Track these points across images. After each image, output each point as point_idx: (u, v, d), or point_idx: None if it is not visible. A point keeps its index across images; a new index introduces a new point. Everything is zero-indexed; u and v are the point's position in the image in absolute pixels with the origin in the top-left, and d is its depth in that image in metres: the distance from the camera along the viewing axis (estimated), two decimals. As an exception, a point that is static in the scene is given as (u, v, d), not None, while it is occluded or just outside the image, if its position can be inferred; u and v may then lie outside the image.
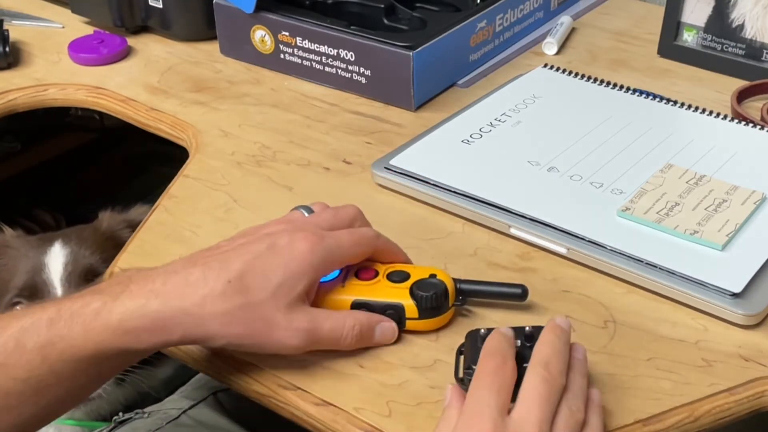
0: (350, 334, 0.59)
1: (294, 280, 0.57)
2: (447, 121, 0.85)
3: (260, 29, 0.95)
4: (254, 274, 0.56)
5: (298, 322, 0.57)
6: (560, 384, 0.52)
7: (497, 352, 0.53)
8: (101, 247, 0.89)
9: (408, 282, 0.62)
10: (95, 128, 1.36)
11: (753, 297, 0.64)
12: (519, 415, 0.50)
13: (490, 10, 0.95)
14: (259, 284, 0.56)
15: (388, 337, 0.61)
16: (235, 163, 0.83)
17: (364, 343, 0.61)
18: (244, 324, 0.56)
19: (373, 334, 0.60)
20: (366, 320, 0.60)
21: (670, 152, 0.79)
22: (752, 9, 0.92)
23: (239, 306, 0.56)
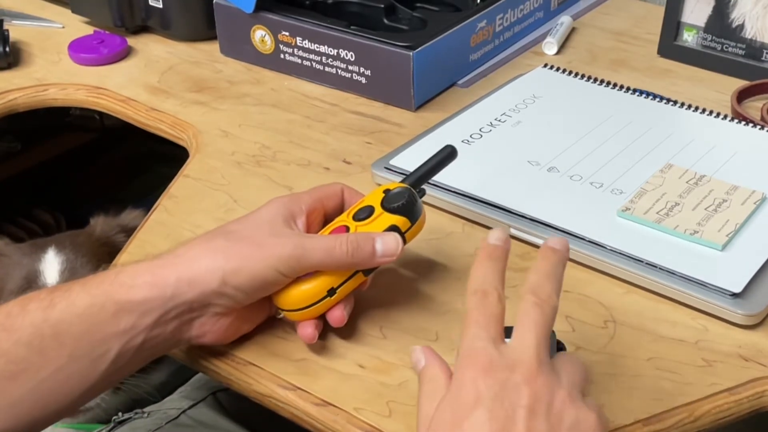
0: (344, 242, 0.59)
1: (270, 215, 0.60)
2: (447, 121, 0.85)
3: (260, 29, 0.95)
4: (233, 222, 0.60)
5: (289, 235, 0.59)
6: (551, 306, 0.51)
7: (478, 287, 0.52)
8: (96, 253, 0.88)
9: (377, 210, 0.62)
10: (95, 128, 1.36)
11: (753, 297, 0.64)
12: (515, 342, 0.50)
13: (490, 10, 0.95)
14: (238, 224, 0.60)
15: (392, 248, 0.60)
16: (235, 163, 0.83)
17: (365, 256, 0.59)
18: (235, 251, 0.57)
19: (372, 245, 0.59)
20: (360, 235, 0.60)
21: (670, 152, 0.79)
22: (752, 9, 0.92)
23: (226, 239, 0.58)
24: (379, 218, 0.62)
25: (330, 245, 0.58)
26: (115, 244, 0.90)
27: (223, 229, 0.60)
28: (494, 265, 0.53)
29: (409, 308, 0.65)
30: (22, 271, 0.88)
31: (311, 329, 0.60)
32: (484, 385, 0.47)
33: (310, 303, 0.60)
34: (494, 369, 0.48)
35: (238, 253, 0.57)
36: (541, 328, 0.50)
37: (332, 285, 0.60)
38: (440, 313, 0.65)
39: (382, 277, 0.67)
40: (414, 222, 0.63)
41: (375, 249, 0.59)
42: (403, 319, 0.65)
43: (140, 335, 0.57)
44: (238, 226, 0.60)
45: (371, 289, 0.64)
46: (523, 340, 0.49)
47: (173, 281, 0.56)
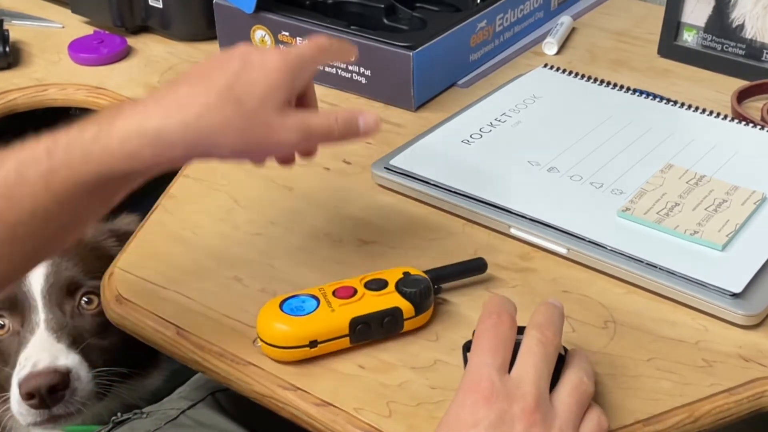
0: (336, 122, 0.61)
1: (277, 88, 0.59)
2: (447, 121, 0.85)
3: (260, 29, 0.95)
4: (240, 84, 0.58)
5: (291, 121, 0.59)
6: (555, 345, 0.54)
7: (493, 310, 0.55)
8: (84, 258, 0.87)
9: (389, 287, 0.62)
10: (95, 128, 1.35)
11: (753, 297, 0.64)
12: (516, 374, 0.52)
13: (490, 10, 0.95)
14: (247, 92, 0.58)
15: (372, 126, 0.63)
16: (235, 163, 0.82)
17: (351, 131, 0.62)
18: (243, 130, 0.58)
19: (356, 122, 0.62)
20: (348, 110, 0.63)
21: (670, 152, 0.79)
22: (752, 9, 0.92)
23: (235, 113, 0.57)
24: (388, 295, 0.62)
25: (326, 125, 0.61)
26: (104, 249, 0.89)
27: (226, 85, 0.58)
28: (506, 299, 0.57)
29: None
30: None
31: None
32: (483, 412, 0.50)
33: (289, 345, 0.60)
34: (495, 398, 0.51)
35: (249, 136, 0.58)
36: (543, 365, 0.53)
37: (316, 338, 0.60)
38: (440, 314, 0.65)
39: (382, 277, 0.67)
40: (418, 314, 0.62)
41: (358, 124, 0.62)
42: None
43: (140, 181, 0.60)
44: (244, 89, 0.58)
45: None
46: (526, 374, 0.52)
47: (180, 153, 0.57)
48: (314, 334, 0.60)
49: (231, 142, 0.57)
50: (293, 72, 0.61)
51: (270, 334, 0.60)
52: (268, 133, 0.59)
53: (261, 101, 0.58)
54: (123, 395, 0.86)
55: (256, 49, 0.62)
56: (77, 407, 0.80)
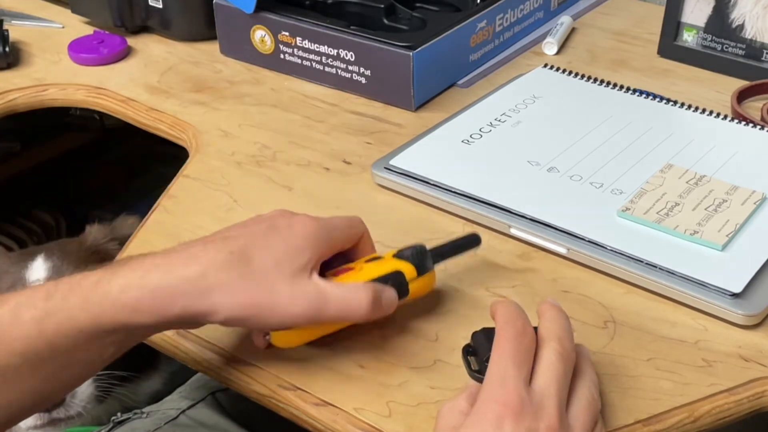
0: (363, 303, 0.57)
1: (297, 252, 0.56)
2: (447, 121, 0.85)
3: (260, 29, 0.95)
4: (256, 247, 0.56)
5: (304, 291, 0.55)
6: (572, 359, 0.54)
7: (516, 318, 0.53)
8: (85, 261, 0.87)
9: (387, 255, 0.62)
10: (95, 128, 1.36)
11: (753, 297, 0.64)
12: (539, 388, 0.51)
13: (490, 10, 0.95)
14: (261, 255, 0.55)
15: (392, 303, 0.60)
16: (235, 163, 0.83)
17: (378, 314, 0.58)
18: (246, 293, 0.54)
19: (381, 303, 0.58)
20: (374, 287, 0.58)
21: (670, 152, 0.79)
22: (752, 9, 0.92)
23: (242, 275, 0.54)
24: (387, 262, 0.61)
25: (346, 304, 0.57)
26: (107, 252, 0.89)
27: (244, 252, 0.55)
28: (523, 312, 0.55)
29: (409, 309, 0.65)
30: (8, 279, 0.87)
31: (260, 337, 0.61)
32: (510, 427, 0.49)
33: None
34: (523, 414, 0.49)
35: (249, 301, 0.54)
36: (564, 380, 0.52)
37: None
38: (440, 314, 0.65)
39: (382, 277, 0.67)
40: (420, 274, 0.62)
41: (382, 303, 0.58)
42: (403, 320, 0.64)
43: (137, 340, 0.57)
44: (260, 254, 0.55)
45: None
46: (548, 389, 0.51)
47: (178, 312, 0.54)
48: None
49: (231, 303, 0.54)
50: (321, 238, 0.58)
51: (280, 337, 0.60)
52: (271, 301, 0.55)
53: (275, 264, 0.55)
54: (123, 398, 0.86)
55: (288, 214, 0.59)
56: (77, 411, 0.80)
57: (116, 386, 0.83)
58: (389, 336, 0.63)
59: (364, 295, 0.57)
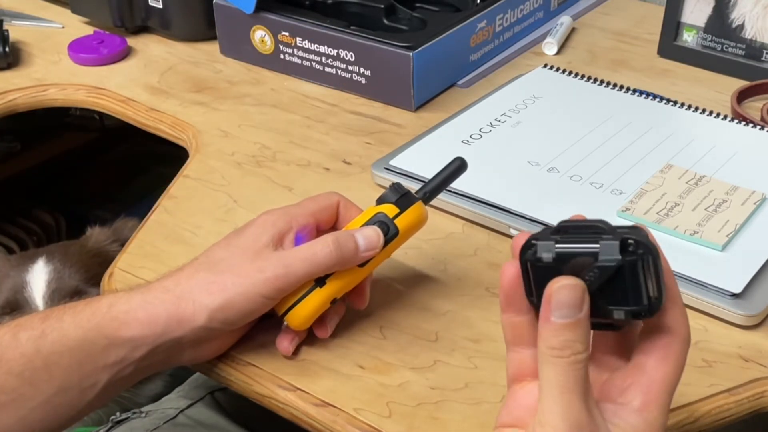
0: (325, 245, 0.58)
1: (256, 237, 0.59)
2: (447, 121, 0.85)
3: (260, 29, 0.95)
4: (219, 248, 0.60)
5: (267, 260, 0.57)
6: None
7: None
8: (86, 264, 0.87)
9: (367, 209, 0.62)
10: (95, 128, 1.36)
11: (753, 297, 0.64)
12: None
13: (490, 10, 0.95)
14: (224, 252, 0.59)
15: (374, 241, 0.60)
16: (235, 164, 0.83)
17: (347, 254, 0.58)
18: (216, 283, 0.57)
19: (354, 241, 0.59)
20: (338, 234, 0.59)
21: (670, 152, 0.79)
22: (752, 9, 0.92)
23: (209, 271, 0.58)
24: (366, 212, 0.62)
25: (311, 252, 0.58)
26: (108, 254, 0.89)
27: (208, 256, 0.59)
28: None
29: (408, 309, 0.65)
30: (9, 282, 0.87)
31: (287, 342, 0.61)
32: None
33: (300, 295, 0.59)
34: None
35: (221, 288, 0.57)
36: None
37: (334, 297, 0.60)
38: (440, 314, 0.65)
39: (382, 278, 0.67)
40: (403, 210, 0.61)
41: (357, 245, 0.59)
42: (403, 320, 0.64)
43: (130, 367, 0.57)
44: (223, 253, 0.59)
45: (371, 290, 0.64)
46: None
47: (164, 320, 0.56)
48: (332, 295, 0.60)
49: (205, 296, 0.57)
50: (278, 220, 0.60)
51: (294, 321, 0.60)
52: (240, 280, 0.57)
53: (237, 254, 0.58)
54: (123, 401, 0.86)
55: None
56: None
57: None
58: (389, 336, 0.63)
59: (328, 240, 0.58)
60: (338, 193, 0.64)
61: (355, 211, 0.63)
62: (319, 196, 0.64)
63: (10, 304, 0.85)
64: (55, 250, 0.91)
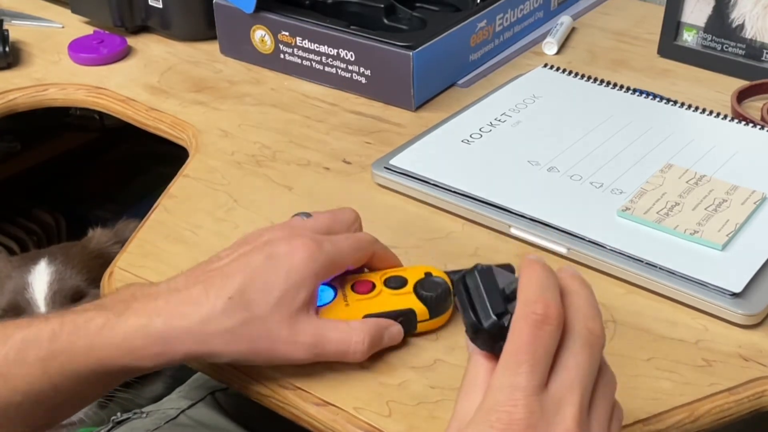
0: (359, 348, 0.58)
1: (295, 290, 0.56)
2: (447, 121, 0.85)
3: (260, 29, 0.95)
4: (255, 288, 0.56)
5: (303, 334, 0.57)
6: (601, 347, 0.46)
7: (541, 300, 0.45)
8: (88, 266, 0.87)
9: (408, 286, 0.62)
10: (95, 128, 1.36)
11: (753, 297, 0.64)
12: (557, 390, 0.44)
13: (490, 10, 0.95)
14: (260, 298, 0.56)
15: (396, 340, 0.61)
16: (235, 163, 0.83)
17: (374, 349, 0.59)
18: (247, 341, 0.56)
19: (381, 341, 0.60)
20: (375, 328, 0.59)
21: (670, 152, 0.79)
22: (752, 9, 0.92)
23: (242, 322, 0.55)
24: (404, 296, 0.61)
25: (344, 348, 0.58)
26: (110, 256, 0.88)
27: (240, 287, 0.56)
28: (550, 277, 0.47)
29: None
30: (10, 283, 0.87)
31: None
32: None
33: None
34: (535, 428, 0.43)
35: (249, 348, 0.56)
36: (589, 378, 0.45)
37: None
38: (440, 313, 0.65)
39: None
40: (432, 317, 0.62)
41: (383, 341, 0.60)
42: (403, 319, 0.64)
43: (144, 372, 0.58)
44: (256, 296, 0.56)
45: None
46: (569, 391, 0.44)
47: (180, 357, 0.56)
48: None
49: (232, 350, 0.56)
50: (320, 270, 0.58)
51: None
52: (272, 347, 0.56)
53: (274, 306, 0.56)
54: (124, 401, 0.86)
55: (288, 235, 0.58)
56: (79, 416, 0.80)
57: (119, 391, 0.83)
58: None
59: (361, 338, 0.58)
60: (375, 239, 0.63)
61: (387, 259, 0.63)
62: (361, 242, 0.62)
63: (11, 306, 0.85)
64: (57, 252, 0.91)
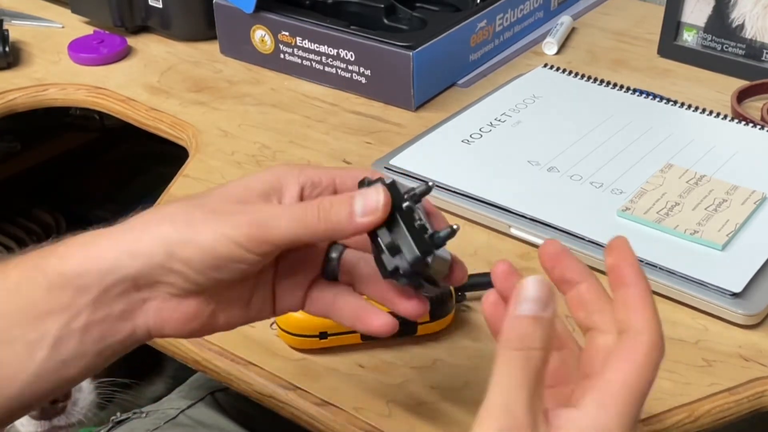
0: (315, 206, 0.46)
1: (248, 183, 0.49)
2: (447, 121, 0.85)
3: (260, 29, 0.95)
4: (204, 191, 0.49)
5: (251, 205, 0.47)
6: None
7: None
8: None
9: None
10: (95, 128, 1.36)
11: (753, 297, 0.64)
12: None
13: (490, 10, 0.95)
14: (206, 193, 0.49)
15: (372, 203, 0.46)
16: (235, 163, 0.83)
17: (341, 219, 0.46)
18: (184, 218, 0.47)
19: (350, 204, 0.46)
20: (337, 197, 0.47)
21: (670, 152, 0.79)
22: (752, 9, 0.92)
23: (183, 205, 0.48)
24: None
25: (299, 212, 0.46)
26: None
27: (192, 196, 0.49)
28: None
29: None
30: None
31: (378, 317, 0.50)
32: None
33: (300, 333, 0.61)
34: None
35: (188, 220, 0.46)
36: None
37: (327, 329, 0.60)
38: (440, 313, 0.65)
39: (382, 277, 0.67)
40: (433, 320, 0.61)
41: (353, 209, 0.46)
42: (403, 319, 0.64)
43: (81, 316, 0.47)
44: (208, 192, 0.49)
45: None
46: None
47: (113, 253, 0.46)
48: (325, 326, 0.60)
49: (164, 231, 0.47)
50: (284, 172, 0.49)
51: (284, 319, 0.61)
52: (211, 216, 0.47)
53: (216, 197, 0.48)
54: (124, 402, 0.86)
55: None
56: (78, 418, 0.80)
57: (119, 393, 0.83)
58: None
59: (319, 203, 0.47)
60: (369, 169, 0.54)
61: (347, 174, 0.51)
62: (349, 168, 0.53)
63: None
64: None
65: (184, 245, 0.46)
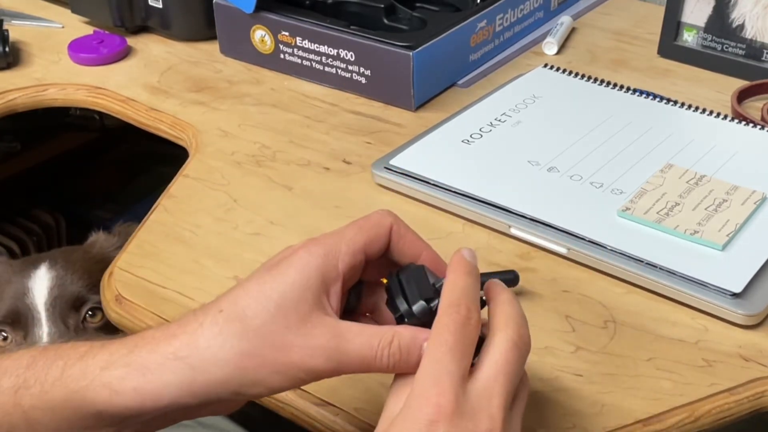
0: (386, 352, 0.47)
1: (299, 291, 0.46)
2: (447, 121, 0.85)
3: (260, 29, 0.95)
4: (248, 294, 0.47)
5: (318, 337, 0.46)
6: (527, 351, 0.47)
7: (462, 301, 0.46)
8: (89, 271, 0.86)
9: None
10: (95, 128, 1.36)
11: (753, 297, 0.64)
12: (483, 385, 0.44)
13: (490, 10, 0.95)
14: (255, 305, 0.46)
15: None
16: (235, 163, 0.83)
17: (405, 367, 0.47)
18: (249, 356, 0.46)
19: (419, 353, 0.47)
20: (410, 335, 0.47)
21: (670, 152, 0.79)
22: (752, 9, 0.92)
23: (237, 334, 0.46)
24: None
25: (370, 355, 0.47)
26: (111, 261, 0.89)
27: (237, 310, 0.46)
28: (474, 282, 0.48)
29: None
30: (10, 289, 0.86)
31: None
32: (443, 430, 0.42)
33: None
34: (459, 417, 0.43)
35: (255, 362, 0.45)
36: (516, 377, 0.45)
37: None
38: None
39: (382, 277, 0.67)
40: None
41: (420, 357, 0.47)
42: (403, 319, 0.64)
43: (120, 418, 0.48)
44: (256, 307, 0.46)
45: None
46: (496, 389, 0.44)
47: (173, 394, 0.46)
48: None
49: (234, 371, 0.45)
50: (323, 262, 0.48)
51: None
52: (280, 357, 0.45)
53: (274, 311, 0.46)
54: None
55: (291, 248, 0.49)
56: None
57: None
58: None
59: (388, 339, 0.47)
60: (390, 212, 0.52)
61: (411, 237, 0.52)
62: (368, 220, 0.51)
63: (11, 314, 0.84)
64: (58, 256, 0.90)
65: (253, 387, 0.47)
